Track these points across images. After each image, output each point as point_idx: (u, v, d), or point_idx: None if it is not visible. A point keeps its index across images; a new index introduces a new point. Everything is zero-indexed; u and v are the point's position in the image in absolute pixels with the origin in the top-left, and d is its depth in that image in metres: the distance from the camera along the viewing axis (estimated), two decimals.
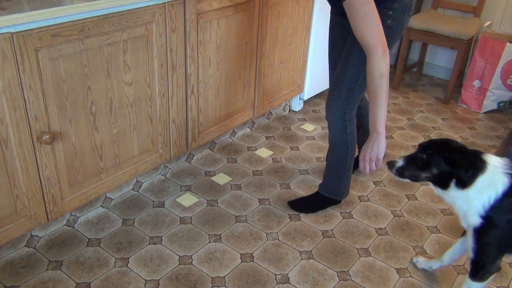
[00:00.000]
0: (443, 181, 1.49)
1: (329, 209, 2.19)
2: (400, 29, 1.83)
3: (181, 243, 1.94)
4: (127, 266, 1.81)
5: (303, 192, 2.31)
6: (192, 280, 1.77)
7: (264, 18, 2.39)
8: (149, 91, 1.95)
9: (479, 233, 1.48)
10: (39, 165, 1.65)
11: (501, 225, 1.44)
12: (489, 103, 3.27)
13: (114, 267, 1.80)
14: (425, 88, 3.65)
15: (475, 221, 1.47)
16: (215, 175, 2.39)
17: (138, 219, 2.06)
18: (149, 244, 1.93)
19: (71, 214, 1.98)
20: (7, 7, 1.44)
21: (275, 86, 2.72)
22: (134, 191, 2.22)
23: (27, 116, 1.56)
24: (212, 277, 1.79)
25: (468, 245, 1.55)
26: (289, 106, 3.10)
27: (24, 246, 1.85)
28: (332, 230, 2.07)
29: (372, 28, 1.58)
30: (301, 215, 2.15)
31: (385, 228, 2.11)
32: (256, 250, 1.93)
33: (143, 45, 1.84)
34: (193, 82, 2.13)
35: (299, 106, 3.11)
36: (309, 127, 2.92)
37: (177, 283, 1.75)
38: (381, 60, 1.59)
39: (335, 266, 1.88)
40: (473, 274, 1.57)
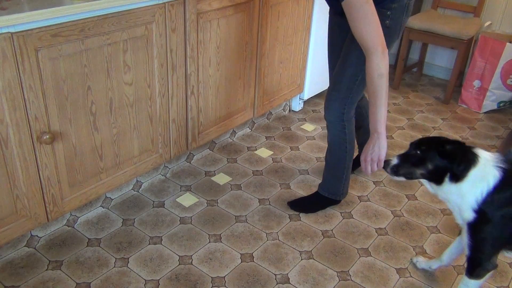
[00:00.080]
0: (438, 176, 1.50)
1: (329, 209, 2.19)
2: (398, 29, 1.83)
3: (181, 243, 1.94)
4: (127, 266, 1.81)
5: (303, 192, 2.31)
6: (192, 280, 1.77)
7: (264, 18, 2.39)
8: (149, 91, 1.95)
9: (473, 228, 1.49)
10: (39, 165, 1.65)
11: (495, 220, 1.45)
12: (489, 103, 3.27)
13: (114, 267, 1.80)
14: (425, 88, 3.65)
15: (469, 215, 1.48)
16: (215, 175, 2.39)
17: (138, 219, 2.06)
18: (149, 244, 1.93)
19: (71, 214, 1.98)
20: (7, 7, 1.44)
21: (275, 86, 2.72)
22: (134, 191, 2.23)
23: (27, 116, 1.56)
24: (212, 277, 1.79)
25: (464, 242, 1.56)
26: (289, 106, 3.10)
27: (24, 246, 1.85)
28: (332, 230, 2.07)
29: (371, 28, 1.58)
30: (301, 215, 2.15)
31: (385, 228, 2.11)
32: (256, 250, 1.93)
33: (143, 45, 1.84)
34: (193, 82, 2.13)
35: (299, 106, 3.11)
36: (309, 127, 2.92)
37: (177, 283, 1.75)
38: (380, 60, 1.59)
39: (335, 266, 1.88)
40: (470, 271, 1.58)
